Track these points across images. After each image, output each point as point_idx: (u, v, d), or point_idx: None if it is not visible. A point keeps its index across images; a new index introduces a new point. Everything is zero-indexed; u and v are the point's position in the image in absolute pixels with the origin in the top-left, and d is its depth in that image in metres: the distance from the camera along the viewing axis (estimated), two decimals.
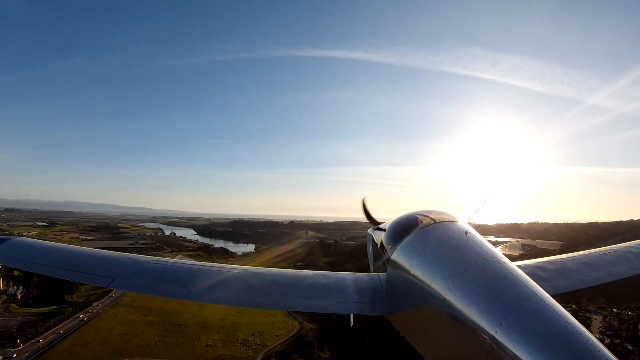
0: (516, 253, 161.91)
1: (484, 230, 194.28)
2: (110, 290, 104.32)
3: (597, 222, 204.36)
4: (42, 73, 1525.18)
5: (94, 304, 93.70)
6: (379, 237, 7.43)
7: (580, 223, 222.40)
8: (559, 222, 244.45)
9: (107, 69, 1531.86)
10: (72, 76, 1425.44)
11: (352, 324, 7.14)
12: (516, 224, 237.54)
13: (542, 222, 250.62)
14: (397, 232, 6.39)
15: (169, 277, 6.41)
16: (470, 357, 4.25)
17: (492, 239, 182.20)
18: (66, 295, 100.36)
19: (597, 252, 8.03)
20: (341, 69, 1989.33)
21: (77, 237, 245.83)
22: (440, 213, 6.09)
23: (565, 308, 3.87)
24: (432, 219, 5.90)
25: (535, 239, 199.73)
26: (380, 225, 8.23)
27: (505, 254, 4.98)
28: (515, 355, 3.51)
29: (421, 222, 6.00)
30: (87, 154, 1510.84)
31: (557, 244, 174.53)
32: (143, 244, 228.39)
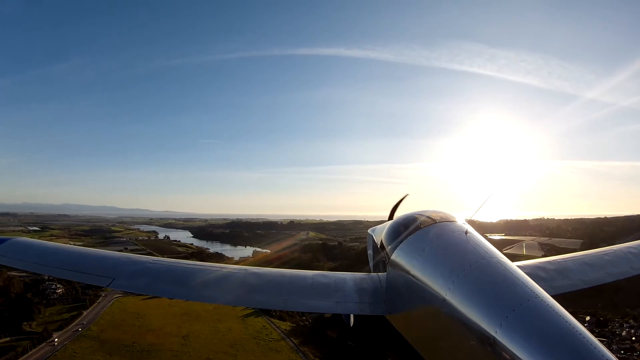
0: (538, 254, 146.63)
1: (490, 228, 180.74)
2: (78, 315, 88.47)
3: (606, 218, 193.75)
4: (38, 75, 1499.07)
5: (54, 335, 77.22)
6: (379, 237, 7.35)
7: (591, 219, 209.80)
8: (569, 218, 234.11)
9: (102, 71, 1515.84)
10: (67, 79, 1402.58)
11: (352, 324, 7.32)
12: (524, 220, 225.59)
13: (547, 218, 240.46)
14: (397, 232, 6.34)
15: (168, 276, 6.38)
16: (470, 357, 4.22)
17: (497, 237, 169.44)
18: (24, 323, 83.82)
19: (597, 252, 8.12)
20: (337, 67, 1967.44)
21: (64, 244, 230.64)
22: (440, 213, 6.05)
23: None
24: (432, 219, 5.89)
25: (550, 237, 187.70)
26: (379, 226, 8.13)
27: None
28: (515, 355, 3.49)
29: (421, 222, 5.99)
30: (84, 157, 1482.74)
31: (577, 242, 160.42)
32: (132, 250, 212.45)
